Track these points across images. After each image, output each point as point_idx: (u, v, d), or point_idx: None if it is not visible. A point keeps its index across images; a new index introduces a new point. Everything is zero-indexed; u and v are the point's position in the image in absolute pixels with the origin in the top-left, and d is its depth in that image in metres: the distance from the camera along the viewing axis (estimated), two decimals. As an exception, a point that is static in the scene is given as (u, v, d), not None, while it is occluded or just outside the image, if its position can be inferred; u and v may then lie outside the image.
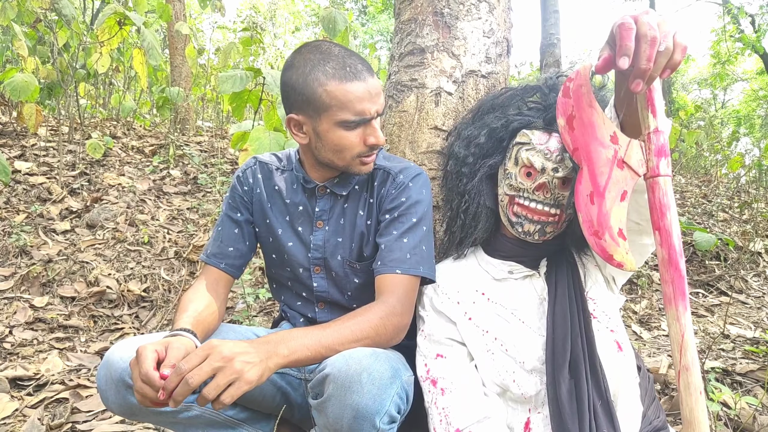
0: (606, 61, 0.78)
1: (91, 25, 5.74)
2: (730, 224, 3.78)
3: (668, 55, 0.76)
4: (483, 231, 1.20)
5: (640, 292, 2.88)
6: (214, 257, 1.26)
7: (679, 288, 0.78)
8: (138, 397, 0.89)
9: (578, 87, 0.85)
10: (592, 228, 0.83)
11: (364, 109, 1.06)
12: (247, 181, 1.30)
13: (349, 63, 1.06)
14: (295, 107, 1.11)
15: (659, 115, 0.82)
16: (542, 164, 1.09)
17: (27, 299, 2.44)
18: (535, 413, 1.06)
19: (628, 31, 0.74)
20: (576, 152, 0.86)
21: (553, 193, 1.10)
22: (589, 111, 0.85)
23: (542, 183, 1.09)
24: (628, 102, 0.88)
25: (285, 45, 12.11)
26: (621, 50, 0.75)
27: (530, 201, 1.11)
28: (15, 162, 3.48)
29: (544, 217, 1.10)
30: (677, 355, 0.78)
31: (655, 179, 0.81)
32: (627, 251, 0.82)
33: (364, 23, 18.69)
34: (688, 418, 0.76)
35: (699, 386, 0.76)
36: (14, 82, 3.14)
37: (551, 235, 1.13)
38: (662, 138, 0.82)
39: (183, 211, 3.40)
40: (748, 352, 2.05)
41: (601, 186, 0.83)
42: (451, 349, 1.13)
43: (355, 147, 1.11)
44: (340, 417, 0.91)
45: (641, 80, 0.76)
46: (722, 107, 13.02)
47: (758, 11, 9.46)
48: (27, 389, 1.83)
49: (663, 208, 0.80)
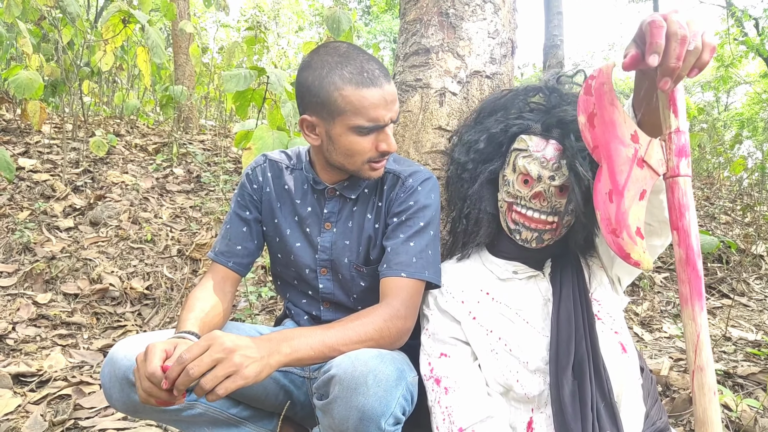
0: (633, 58, 0.77)
1: (96, 23, 5.74)
2: (732, 227, 3.78)
3: (697, 55, 0.76)
4: (485, 236, 1.20)
5: (642, 293, 2.88)
6: (222, 255, 1.26)
7: (696, 288, 0.78)
8: (140, 393, 0.89)
9: (600, 85, 0.85)
10: (610, 226, 0.83)
11: (378, 116, 1.06)
12: (256, 179, 1.29)
13: (367, 68, 1.05)
14: (309, 108, 1.10)
15: (681, 115, 0.81)
16: (538, 172, 1.09)
17: (30, 296, 2.45)
18: (538, 413, 1.06)
19: (659, 28, 0.74)
20: (596, 150, 0.86)
21: (550, 201, 1.10)
22: (611, 109, 0.84)
23: (538, 192, 1.10)
24: (647, 101, 0.87)
25: (288, 44, 12.11)
26: (651, 47, 0.74)
27: (527, 209, 1.12)
28: (19, 159, 3.49)
29: (541, 225, 1.11)
30: (692, 355, 0.77)
31: (674, 179, 0.81)
32: (644, 250, 0.82)
33: (367, 23, 18.68)
34: (701, 418, 0.76)
35: (713, 387, 0.76)
36: (18, 80, 3.15)
37: (549, 241, 1.14)
38: (683, 138, 0.81)
39: (186, 210, 3.41)
40: (750, 354, 2.05)
41: (621, 184, 0.83)
42: (455, 348, 1.13)
43: (366, 152, 1.10)
44: (345, 418, 0.91)
45: (669, 78, 0.76)
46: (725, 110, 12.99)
47: (762, 14, 9.45)
48: (30, 385, 1.84)
49: (682, 209, 0.79)
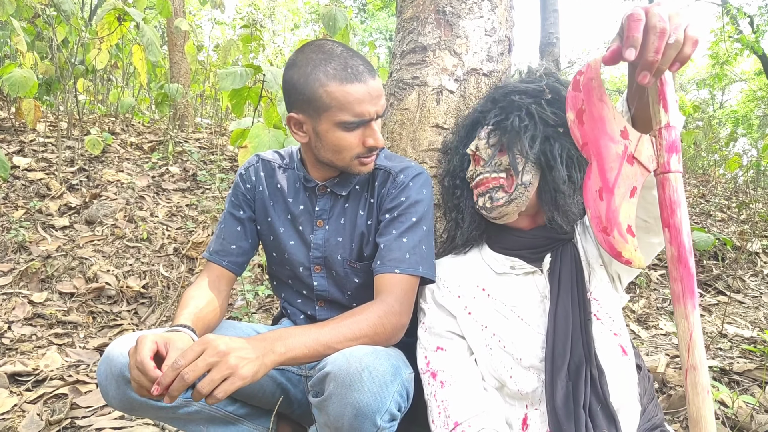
0: (614, 52, 0.77)
1: (90, 21, 5.72)
2: (727, 224, 3.79)
3: (678, 48, 0.74)
4: (474, 230, 1.23)
5: (638, 291, 2.89)
6: (217, 254, 1.26)
7: (688, 286, 0.77)
8: (133, 385, 0.89)
9: (588, 80, 0.83)
10: (601, 224, 0.82)
11: (363, 111, 1.06)
12: (249, 179, 1.30)
13: (351, 64, 1.06)
14: (295, 106, 1.11)
15: (671, 109, 0.80)
16: (475, 145, 1.19)
17: (26, 295, 2.44)
18: (532, 409, 1.06)
19: (636, 22, 0.73)
20: (585, 147, 0.84)
21: (490, 162, 1.15)
22: (600, 105, 0.83)
23: (478, 156, 1.18)
24: (639, 96, 0.86)
25: (284, 42, 12.09)
26: (628, 41, 0.73)
27: (476, 177, 1.18)
28: (14, 158, 3.47)
29: (488, 184, 1.15)
30: (685, 353, 0.76)
31: (665, 175, 0.80)
32: (636, 248, 0.81)
33: (363, 21, 18.65)
34: (695, 417, 0.75)
35: (706, 385, 0.75)
36: (13, 78, 3.13)
37: (507, 202, 1.12)
38: (674, 133, 0.80)
39: (182, 208, 3.40)
40: (746, 351, 2.06)
41: (611, 182, 0.82)
42: (451, 342, 1.13)
43: (354, 148, 1.11)
44: (341, 415, 0.91)
45: (648, 72, 0.75)
46: (720, 108, 13.04)
47: (757, 12, 9.46)
48: (26, 385, 1.83)
49: (673, 205, 0.78)
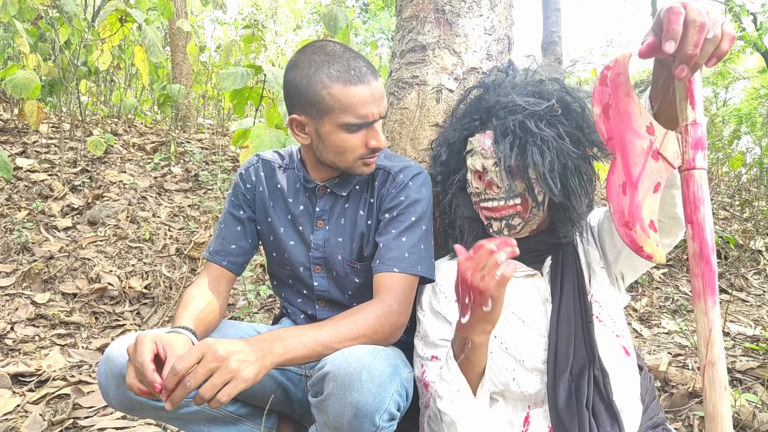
0: (650, 46, 0.76)
1: (93, 22, 5.73)
2: (731, 222, 3.78)
3: (716, 43, 0.74)
4: (472, 239, 1.21)
5: (640, 289, 2.89)
6: (217, 254, 1.26)
7: (710, 282, 0.77)
8: (128, 382, 0.89)
9: (616, 75, 0.83)
10: (623, 218, 0.82)
11: (367, 113, 1.06)
12: (249, 179, 1.30)
13: (353, 66, 1.06)
14: (297, 108, 1.10)
15: (698, 106, 0.80)
16: (482, 164, 1.13)
17: (28, 296, 2.45)
18: (535, 408, 1.06)
19: (676, 15, 0.73)
20: (610, 141, 0.84)
21: (503, 186, 1.11)
22: (626, 100, 0.83)
23: (489, 181, 1.13)
24: (664, 93, 0.86)
25: (286, 42, 12.10)
26: (668, 34, 0.73)
27: (488, 201, 1.14)
28: (16, 159, 3.48)
29: (504, 211, 1.13)
30: (703, 349, 0.76)
31: (690, 172, 0.80)
32: (657, 243, 0.81)
33: (365, 21, 18.64)
34: (711, 413, 0.76)
35: (724, 382, 0.76)
36: (16, 79, 3.14)
37: (523, 226, 1.13)
38: (700, 130, 0.80)
39: (184, 208, 3.41)
40: (748, 349, 2.05)
41: (635, 176, 0.82)
42: (444, 350, 1.13)
43: (356, 149, 1.11)
44: (340, 415, 0.91)
45: (686, 66, 0.74)
46: (723, 105, 13.00)
47: (760, 9, 9.42)
48: (29, 385, 1.84)
49: (697, 202, 0.78)
